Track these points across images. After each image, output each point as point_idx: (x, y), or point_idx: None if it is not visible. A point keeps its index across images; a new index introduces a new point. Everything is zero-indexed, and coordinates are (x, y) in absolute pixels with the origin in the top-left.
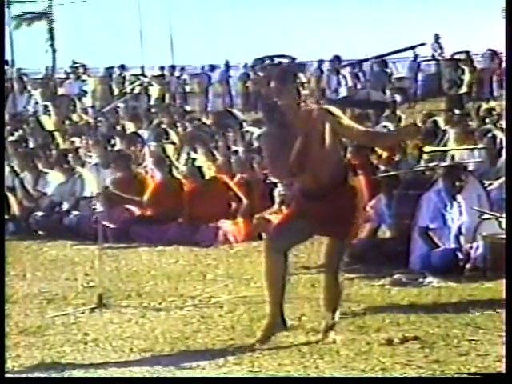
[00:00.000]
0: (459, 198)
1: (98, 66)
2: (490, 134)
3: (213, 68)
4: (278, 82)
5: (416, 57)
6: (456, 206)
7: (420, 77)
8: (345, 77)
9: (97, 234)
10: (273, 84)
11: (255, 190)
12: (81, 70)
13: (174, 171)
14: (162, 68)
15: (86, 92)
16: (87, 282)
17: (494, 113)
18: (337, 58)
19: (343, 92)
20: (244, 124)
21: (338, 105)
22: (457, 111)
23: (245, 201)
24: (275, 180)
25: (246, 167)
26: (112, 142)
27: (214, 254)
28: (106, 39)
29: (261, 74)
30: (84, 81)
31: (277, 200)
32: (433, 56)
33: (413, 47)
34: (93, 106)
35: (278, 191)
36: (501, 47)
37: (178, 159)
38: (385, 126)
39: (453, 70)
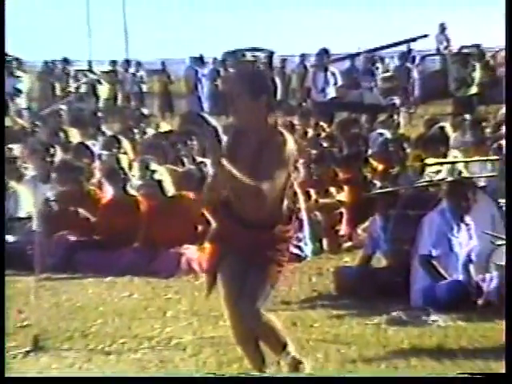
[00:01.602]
0: (468, 219)
1: (36, 60)
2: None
3: (177, 63)
4: (244, 94)
5: (411, 51)
6: (464, 229)
7: (422, 74)
8: (334, 74)
9: (33, 263)
10: (238, 93)
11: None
12: (14, 64)
13: (129, 186)
14: (114, 63)
15: (20, 91)
16: (21, 321)
17: None
18: (325, 52)
19: (331, 92)
20: (215, 130)
21: (325, 107)
22: (467, 116)
23: (214, 223)
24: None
25: (214, 186)
26: (52, 151)
27: (175, 287)
28: (45, 28)
29: (232, 70)
30: (18, 77)
31: None
32: (437, 50)
33: (414, 39)
34: (29, 108)
35: None
36: None
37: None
38: (381, 134)
39: (461, 66)
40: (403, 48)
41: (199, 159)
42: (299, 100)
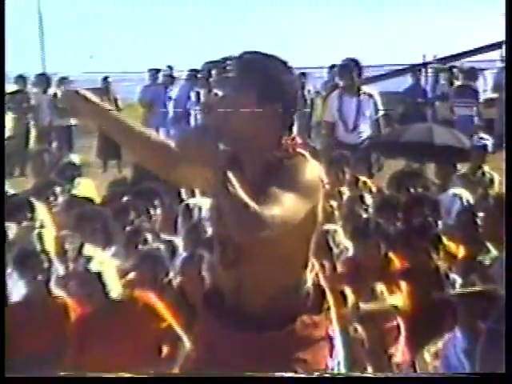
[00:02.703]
0: None
1: None
2: None
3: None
4: (251, 97)
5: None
6: None
7: None
8: (372, 97)
9: None
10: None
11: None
12: None
13: (54, 282)
14: (23, 79)
15: None
16: None
17: None
18: (355, 64)
19: (366, 129)
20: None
21: (364, 152)
22: None
23: (187, 343)
24: None
25: (189, 272)
26: None
27: None
28: None
29: (218, 91)
30: None
31: None
32: None
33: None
34: None
35: None
36: None
37: (61, 254)
38: (460, 197)
39: None
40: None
41: (166, 237)
42: (326, 140)
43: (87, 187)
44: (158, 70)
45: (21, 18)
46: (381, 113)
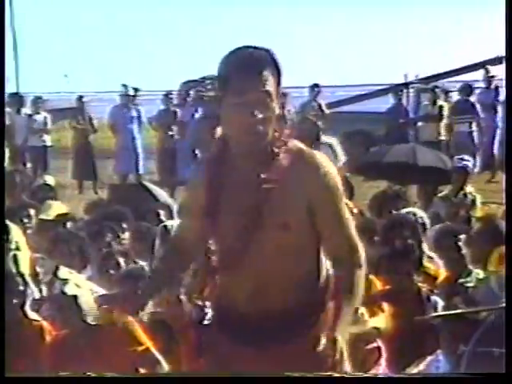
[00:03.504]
0: None
1: None
2: None
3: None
4: (226, 85)
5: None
6: None
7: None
8: (331, 147)
9: None
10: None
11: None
12: None
13: (29, 305)
14: None
15: None
16: None
17: None
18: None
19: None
20: (164, 210)
21: (356, 171)
22: None
23: (165, 367)
24: None
25: (169, 298)
26: None
27: None
28: None
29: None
30: None
31: None
32: None
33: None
34: None
35: None
36: None
37: (36, 277)
38: (437, 215)
39: None
40: (480, 74)
41: (139, 262)
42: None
43: (59, 209)
44: (126, 91)
45: None
46: (341, 161)
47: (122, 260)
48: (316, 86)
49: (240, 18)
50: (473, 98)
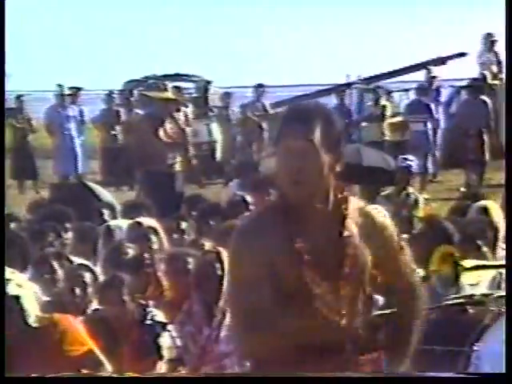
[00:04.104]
0: None
1: None
2: None
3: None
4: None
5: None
6: None
7: (454, 119)
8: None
9: None
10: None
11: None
12: None
13: None
14: None
15: None
16: None
17: None
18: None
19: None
20: (108, 209)
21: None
22: None
23: (108, 368)
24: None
25: (109, 296)
26: None
27: None
28: None
29: (140, 111)
30: None
31: None
32: (482, 78)
33: (442, 60)
34: None
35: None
36: None
37: None
38: None
39: None
40: (421, 76)
41: (81, 261)
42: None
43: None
44: (61, 90)
45: None
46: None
47: (60, 261)
48: (260, 86)
49: (181, 18)
50: (427, 99)
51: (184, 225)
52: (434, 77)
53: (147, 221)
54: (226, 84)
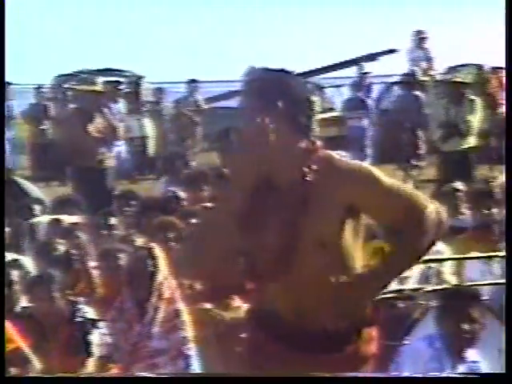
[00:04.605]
0: (471, 355)
1: None
2: None
3: None
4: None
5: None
6: (464, 369)
7: (385, 116)
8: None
9: None
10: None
11: None
12: None
13: None
14: None
15: None
16: None
17: None
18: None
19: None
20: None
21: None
22: (458, 184)
23: (36, 365)
24: None
25: (38, 293)
26: None
27: None
28: None
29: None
30: None
31: None
32: (412, 75)
33: (373, 57)
34: None
35: None
36: None
37: None
38: None
39: (452, 102)
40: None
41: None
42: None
43: None
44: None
45: None
46: None
47: None
48: (193, 81)
49: (113, 11)
50: (362, 94)
51: (113, 220)
52: (365, 73)
53: (68, 218)
54: (159, 79)
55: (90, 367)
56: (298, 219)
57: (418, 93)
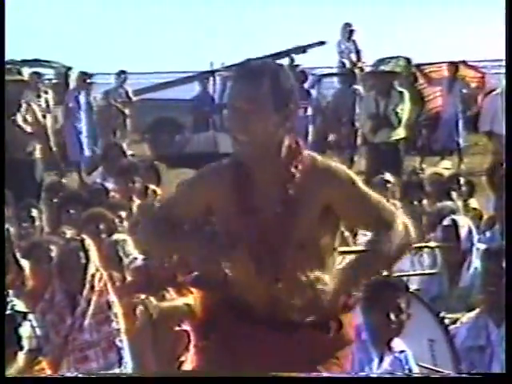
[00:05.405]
0: (397, 345)
1: None
2: (448, 221)
3: None
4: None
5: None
6: (391, 362)
7: (315, 109)
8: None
9: None
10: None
11: None
12: None
13: None
14: None
15: None
16: None
17: (462, 181)
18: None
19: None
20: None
21: (161, 159)
22: (388, 175)
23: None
24: None
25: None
26: None
27: None
28: None
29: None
30: None
31: None
32: (341, 66)
33: (302, 49)
34: None
35: None
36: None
37: None
38: None
39: (380, 93)
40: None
41: None
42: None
43: None
44: None
45: None
46: None
47: None
48: (123, 72)
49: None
50: (307, 85)
51: (35, 212)
52: (296, 65)
53: None
54: (87, 70)
55: (20, 361)
56: (279, 218)
57: (355, 86)
